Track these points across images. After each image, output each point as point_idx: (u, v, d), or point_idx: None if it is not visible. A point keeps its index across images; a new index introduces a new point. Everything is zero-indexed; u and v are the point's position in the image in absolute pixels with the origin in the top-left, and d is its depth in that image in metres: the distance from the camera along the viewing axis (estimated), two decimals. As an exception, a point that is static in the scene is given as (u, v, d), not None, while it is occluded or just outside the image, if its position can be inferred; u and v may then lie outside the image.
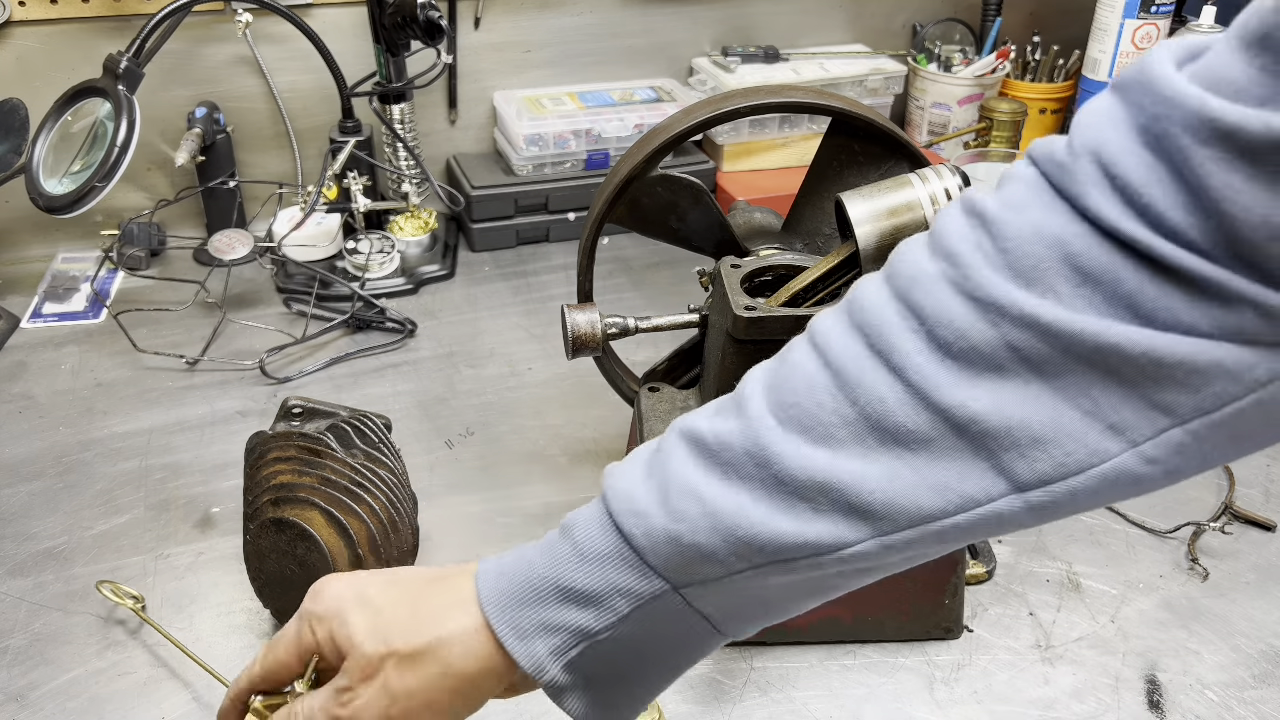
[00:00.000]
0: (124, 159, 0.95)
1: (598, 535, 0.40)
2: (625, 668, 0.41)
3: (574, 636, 0.40)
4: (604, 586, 0.39)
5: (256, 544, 0.65)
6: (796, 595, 0.41)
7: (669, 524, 0.38)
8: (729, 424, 0.39)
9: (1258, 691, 0.66)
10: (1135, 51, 1.22)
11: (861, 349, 0.37)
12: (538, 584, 0.40)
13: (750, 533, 0.37)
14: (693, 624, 0.40)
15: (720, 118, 0.71)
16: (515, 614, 0.40)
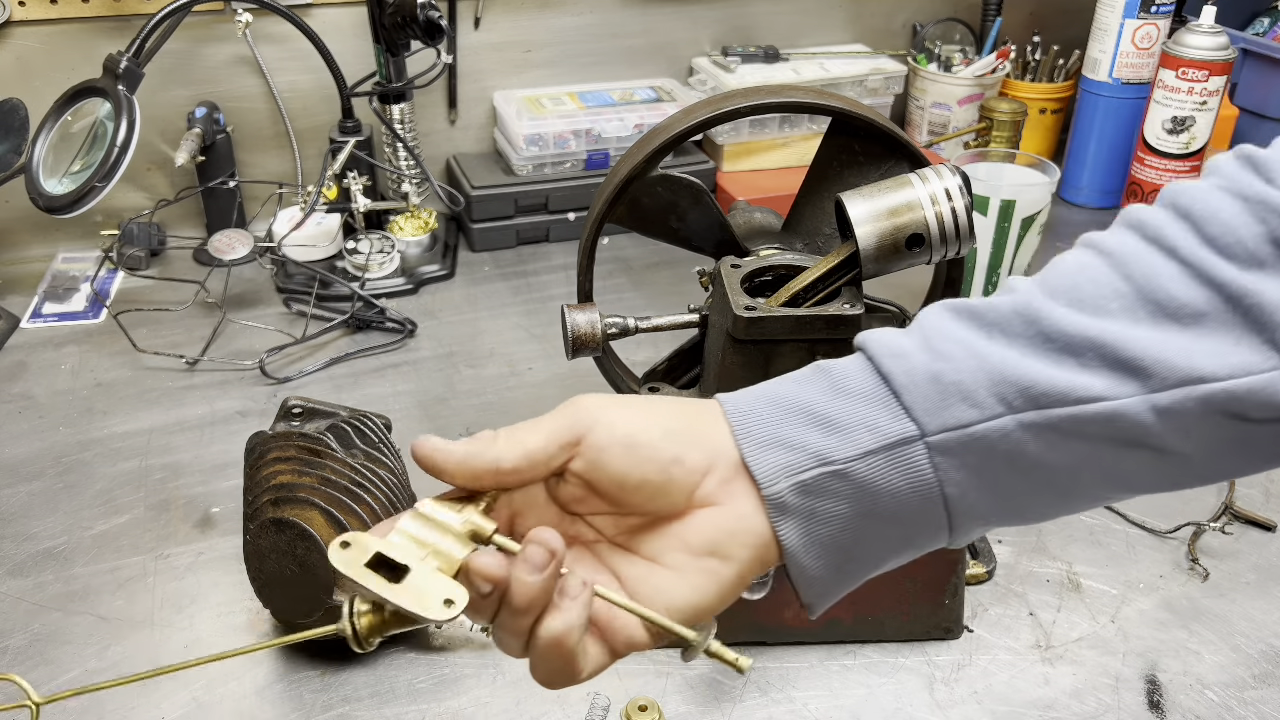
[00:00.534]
0: (124, 159, 0.95)
1: (855, 374, 0.39)
2: (850, 517, 0.39)
3: (811, 458, 0.38)
4: (852, 419, 0.38)
5: (256, 544, 0.65)
6: (1043, 475, 0.39)
7: (931, 362, 0.38)
8: (997, 298, 0.40)
9: (1258, 691, 0.66)
10: (1135, 51, 1.22)
11: (1136, 240, 0.40)
12: (785, 405, 0.40)
13: (1016, 373, 0.37)
14: (928, 494, 0.38)
15: (720, 118, 0.71)
16: (758, 426, 0.39)
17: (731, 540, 0.39)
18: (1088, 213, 1.31)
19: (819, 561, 0.39)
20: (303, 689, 0.66)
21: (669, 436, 0.39)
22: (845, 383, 0.39)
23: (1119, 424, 0.37)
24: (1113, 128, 1.27)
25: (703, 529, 0.39)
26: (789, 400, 0.40)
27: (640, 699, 0.59)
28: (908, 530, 0.40)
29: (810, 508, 0.39)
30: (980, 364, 0.38)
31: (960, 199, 0.63)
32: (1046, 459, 0.38)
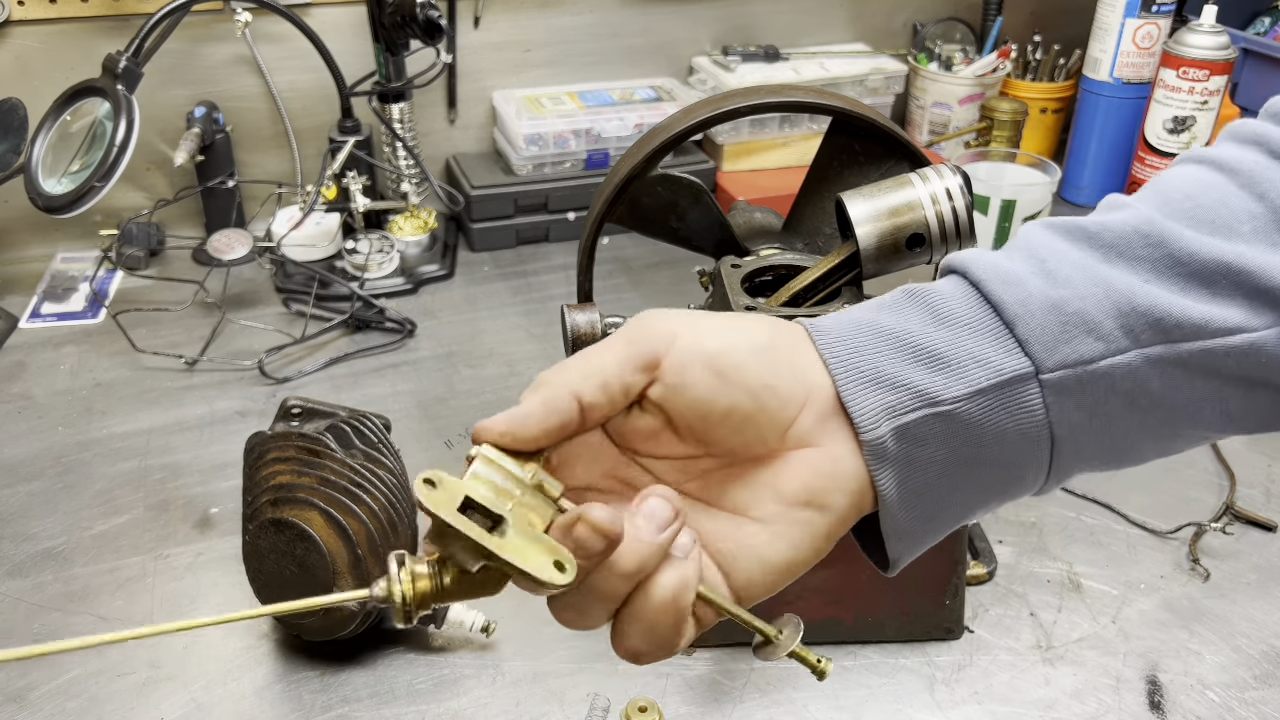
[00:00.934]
0: (123, 159, 0.94)
1: (958, 302, 0.35)
2: (949, 463, 0.34)
3: (916, 399, 0.34)
4: (959, 352, 0.34)
5: (256, 544, 0.65)
6: (1161, 415, 0.35)
7: (1049, 289, 0.34)
8: (1110, 215, 0.36)
9: (1259, 692, 0.66)
10: (1136, 51, 1.22)
11: (1262, 156, 0.36)
12: (883, 334, 0.35)
13: (1146, 302, 0.33)
14: (1035, 437, 0.34)
15: (720, 117, 0.71)
16: (855, 358, 0.34)
17: (831, 486, 0.34)
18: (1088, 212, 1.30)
19: (913, 513, 0.35)
20: (302, 689, 0.66)
21: (759, 355, 0.34)
22: (947, 310, 0.35)
23: (1255, 359, 0.34)
24: (1113, 127, 1.27)
25: (799, 474, 0.34)
26: (886, 329, 0.35)
27: (640, 700, 0.59)
28: (1005, 476, 0.36)
29: (909, 454, 0.34)
30: (1105, 291, 0.34)
31: (961, 198, 0.63)
32: (1169, 397, 0.34)
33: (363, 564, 0.64)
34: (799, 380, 0.34)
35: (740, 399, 0.34)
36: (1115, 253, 0.35)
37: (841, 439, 0.34)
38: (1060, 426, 0.34)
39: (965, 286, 0.35)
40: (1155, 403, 0.35)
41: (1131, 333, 0.34)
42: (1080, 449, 0.35)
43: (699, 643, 0.36)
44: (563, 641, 0.69)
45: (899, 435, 0.34)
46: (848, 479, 0.34)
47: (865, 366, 0.34)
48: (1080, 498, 0.82)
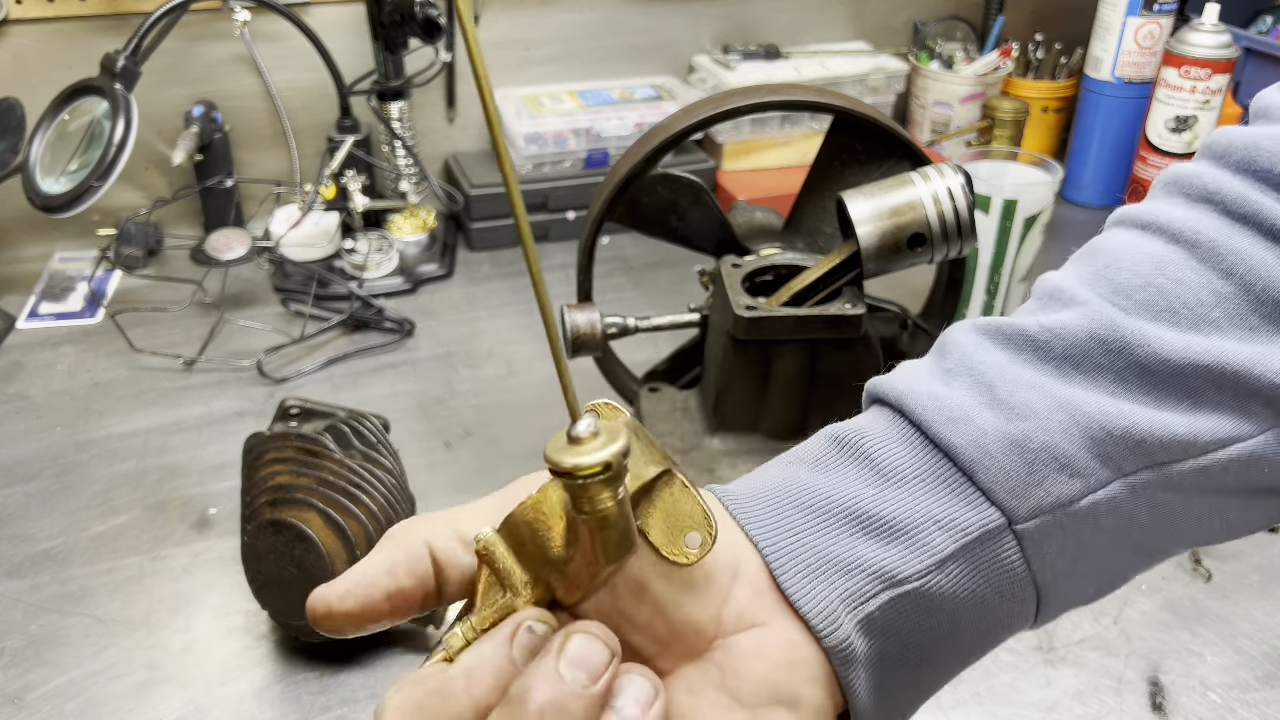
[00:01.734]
0: (121, 158, 0.94)
1: (902, 451, 0.29)
2: (924, 645, 0.29)
3: (875, 581, 0.28)
4: (917, 516, 0.28)
5: (254, 545, 0.65)
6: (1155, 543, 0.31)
7: (1006, 424, 0.29)
8: (1055, 316, 0.31)
9: (1261, 694, 0.66)
10: (1138, 50, 1.22)
11: (1218, 220, 0.30)
12: (819, 507, 0.29)
13: (1123, 424, 0.28)
14: (1016, 594, 0.29)
15: (721, 116, 0.71)
16: (794, 542, 0.29)
17: (797, 676, 0.28)
18: (1090, 212, 1.30)
19: (889, 709, 0.30)
20: (301, 691, 0.65)
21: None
22: (890, 463, 0.29)
23: (1257, 468, 0.29)
24: (1115, 126, 1.26)
25: (752, 666, 0.28)
26: (821, 496, 0.29)
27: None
28: (984, 640, 0.31)
29: (879, 651, 0.29)
30: (1070, 417, 0.29)
31: (962, 198, 0.62)
32: (1162, 524, 0.30)
33: (361, 565, 0.64)
34: (725, 546, 0.29)
35: (647, 576, 0.28)
36: (1070, 365, 0.30)
37: (789, 619, 0.28)
38: (1044, 576, 0.30)
39: (904, 428, 0.30)
40: (1149, 533, 0.30)
41: (1110, 461, 0.29)
42: (1067, 593, 0.31)
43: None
44: (562, 643, 0.69)
45: (864, 629, 0.28)
46: (811, 665, 0.28)
47: (805, 551, 0.29)
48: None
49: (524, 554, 0.27)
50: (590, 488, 0.25)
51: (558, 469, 0.25)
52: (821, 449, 0.31)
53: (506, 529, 0.28)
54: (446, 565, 0.29)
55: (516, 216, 0.24)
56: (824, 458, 0.31)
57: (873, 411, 0.32)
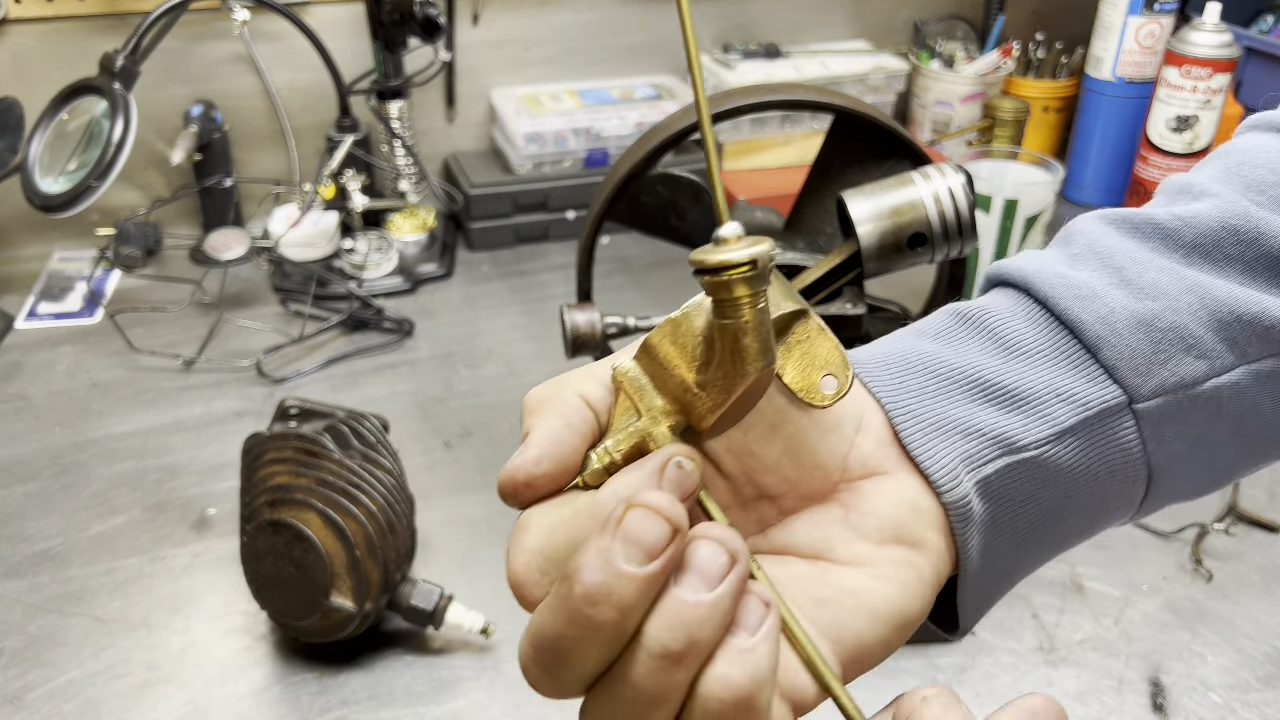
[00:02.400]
0: (120, 157, 0.94)
1: (1026, 326, 0.30)
2: (1033, 515, 0.30)
3: (994, 446, 0.28)
4: (1039, 388, 0.29)
5: (253, 546, 0.65)
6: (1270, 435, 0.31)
7: (1135, 303, 0.29)
8: (1186, 207, 0.31)
9: (1262, 694, 0.66)
10: (1139, 49, 1.22)
11: None
12: (942, 373, 0.29)
13: (1253, 310, 0.29)
14: (1129, 474, 0.30)
15: (721, 116, 0.70)
16: (918, 404, 0.29)
17: (919, 520, 0.28)
18: (1090, 211, 1.30)
19: (993, 577, 0.30)
20: (300, 692, 0.65)
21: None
22: (1013, 337, 0.30)
23: None
24: (1116, 126, 1.26)
25: (875, 506, 0.28)
26: (946, 365, 0.29)
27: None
28: (1089, 521, 0.31)
29: (992, 514, 0.29)
30: (1203, 299, 0.29)
31: (963, 197, 0.62)
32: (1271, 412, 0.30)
33: (360, 566, 0.63)
34: (849, 399, 0.29)
35: (781, 416, 0.28)
36: (1200, 253, 0.30)
37: (912, 472, 0.29)
38: (1158, 460, 0.30)
39: (1029, 305, 0.30)
40: (1267, 423, 0.30)
41: (1237, 346, 0.29)
42: (1177, 482, 0.31)
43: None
44: (562, 643, 0.69)
45: (981, 491, 0.29)
46: (933, 514, 0.28)
47: (927, 411, 0.29)
48: (1082, 498, 0.82)
49: (660, 378, 0.27)
50: (735, 286, 0.25)
51: (703, 266, 0.25)
52: (944, 323, 0.31)
53: (644, 354, 0.28)
54: (602, 413, 0.29)
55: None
56: (946, 331, 0.31)
57: (995, 292, 0.32)
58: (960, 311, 0.31)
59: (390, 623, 0.70)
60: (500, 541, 0.78)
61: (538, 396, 0.29)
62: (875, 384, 0.29)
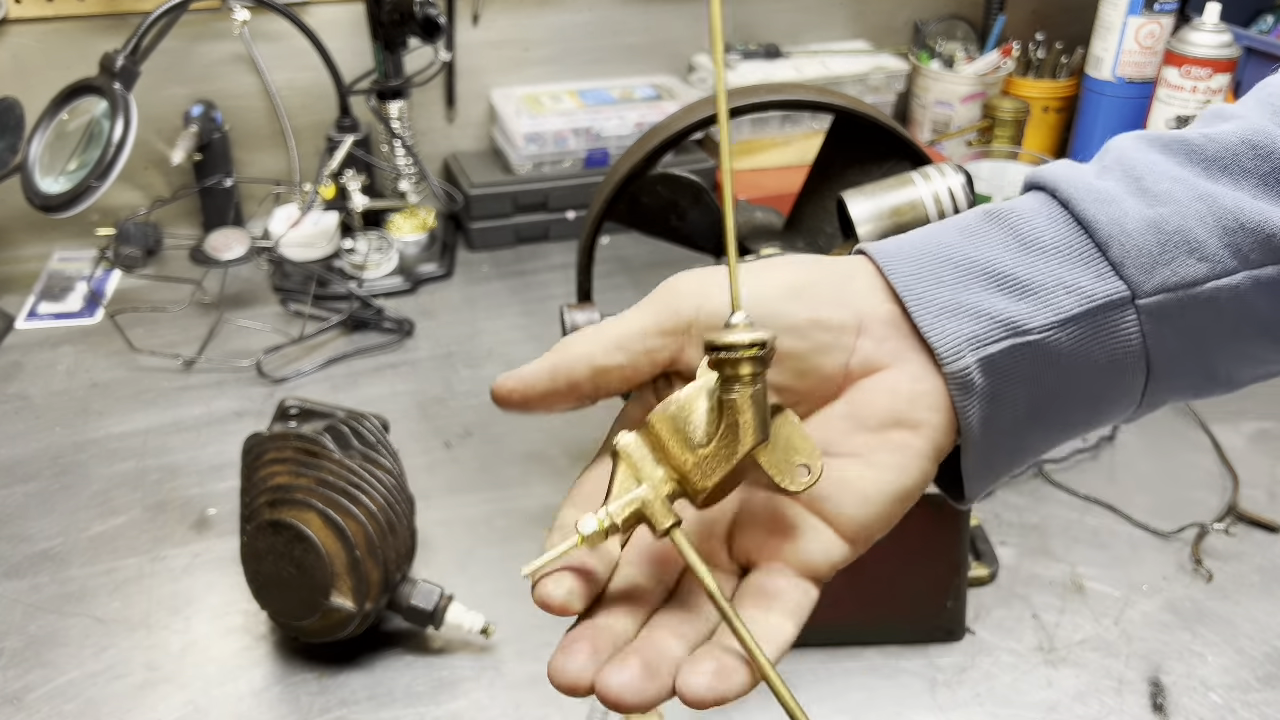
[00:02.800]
0: (120, 157, 0.94)
1: (1045, 224, 0.32)
2: (1035, 397, 0.32)
3: (1000, 328, 0.31)
4: (1046, 278, 0.31)
5: (253, 546, 0.65)
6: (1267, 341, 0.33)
7: (1147, 209, 0.31)
8: (1214, 127, 0.33)
9: (1262, 694, 0.66)
10: (1139, 49, 1.22)
11: None
12: (960, 263, 0.32)
13: (1257, 219, 0.31)
14: (1129, 367, 0.32)
15: (721, 116, 0.70)
16: (928, 288, 0.32)
17: (917, 404, 0.32)
18: (1090, 211, 1.30)
19: (995, 450, 0.33)
20: (300, 692, 0.65)
21: (796, 296, 0.32)
22: (1032, 234, 0.32)
23: None
24: (1116, 126, 1.26)
25: (875, 398, 0.32)
26: (964, 257, 0.32)
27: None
28: (1092, 409, 0.33)
29: (994, 389, 0.32)
30: (1209, 207, 0.31)
31: (963, 197, 0.62)
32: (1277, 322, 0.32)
33: (360, 566, 0.63)
34: (848, 307, 0.32)
35: (786, 343, 0.32)
36: (1219, 166, 0.32)
37: (915, 359, 0.32)
38: (1157, 355, 0.32)
39: (1052, 206, 0.33)
40: (1262, 329, 0.32)
41: (1239, 253, 0.31)
42: (1175, 379, 0.33)
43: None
44: (562, 643, 0.69)
45: (984, 368, 0.31)
46: (932, 396, 0.32)
47: (941, 296, 0.32)
48: (1083, 498, 0.82)
49: (660, 451, 0.31)
50: (742, 365, 0.29)
51: (716, 344, 0.29)
52: (973, 221, 0.34)
53: (645, 430, 0.31)
54: (602, 370, 0.33)
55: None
56: (971, 226, 0.33)
57: (1029, 194, 0.34)
58: (990, 211, 0.33)
59: (390, 623, 0.70)
60: (500, 541, 0.78)
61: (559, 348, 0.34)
62: (893, 273, 0.32)
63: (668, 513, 0.30)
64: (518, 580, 0.78)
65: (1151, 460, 0.87)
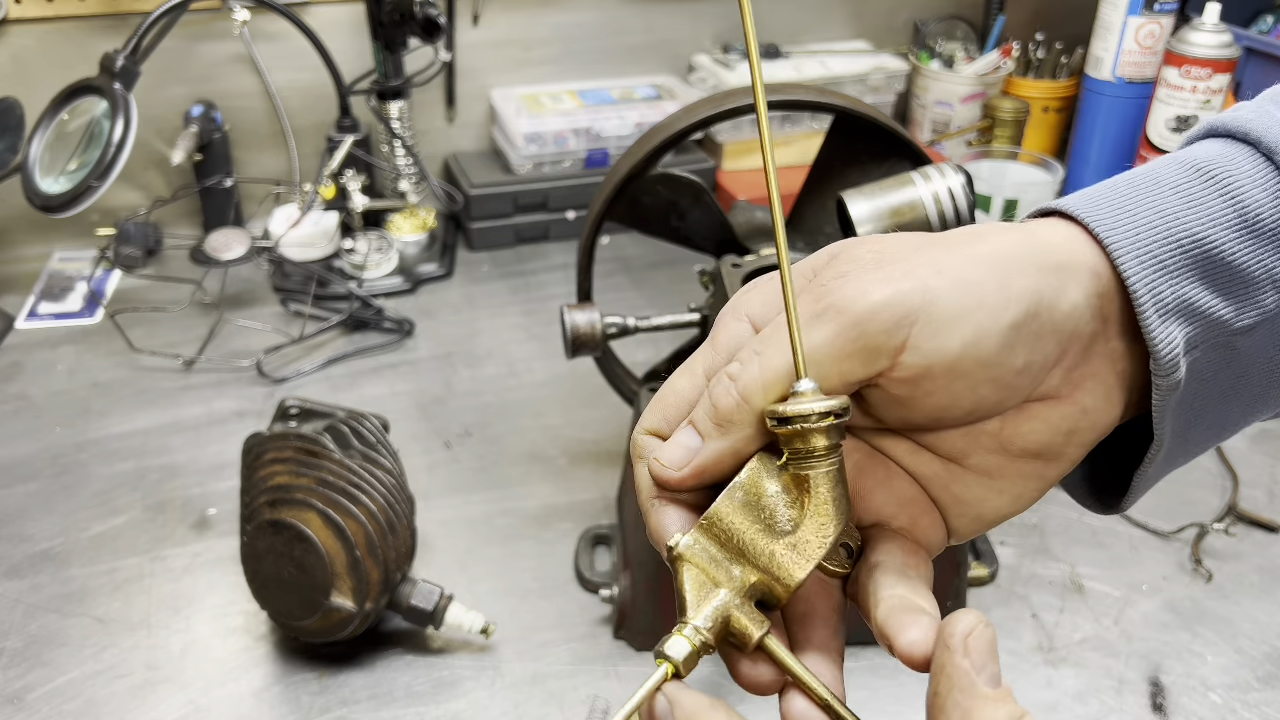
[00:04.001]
0: (120, 158, 0.94)
1: (1264, 199, 0.29)
2: (1208, 397, 0.30)
3: (1208, 330, 0.28)
4: (1259, 272, 0.28)
5: (254, 546, 0.65)
6: None
7: None
8: None
9: (1261, 694, 0.66)
10: (1139, 49, 1.22)
11: None
12: (1185, 244, 0.28)
13: None
14: None
15: (721, 115, 0.70)
16: (1159, 283, 0.28)
17: (1071, 440, 0.30)
18: (1090, 211, 1.30)
19: (1173, 459, 0.31)
20: (300, 692, 0.65)
21: (1013, 341, 0.28)
22: (1256, 211, 0.28)
23: None
24: (1116, 126, 1.26)
25: (1035, 430, 0.30)
26: (1185, 233, 0.28)
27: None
28: (1249, 407, 0.31)
29: (1189, 395, 0.29)
30: None
31: (963, 197, 0.62)
32: None
33: (360, 565, 0.63)
34: (1058, 335, 0.28)
35: (986, 395, 0.28)
36: None
37: (1094, 388, 0.29)
38: None
39: (1268, 172, 0.29)
40: None
41: None
42: None
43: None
44: (562, 643, 0.69)
45: (1188, 374, 0.29)
46: (1090, 432, 0.30)
47: (1170, 293, 0.28)
48: (1082, 498, 0.82)
49: (734, 547, 0.27)
50: (828, 434, 0.26)
51: (794, 416, 0.26)
52: (1183, 179, 0.30)
53: (705, 529, 0.28)
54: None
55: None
56: (1186, 188, 0.29)
57: (1227, 144, 0.30)
58: (1201, 168, 0.30)
59: (390, 623, 0.70)
60: (500, 541, 0.78)
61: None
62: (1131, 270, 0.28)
63: (757, 618, 0.27)
64: (518, 580, 0.79)
65: (1151, 460, 0.87)
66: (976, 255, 0.28)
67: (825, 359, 0.27)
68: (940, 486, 0.31)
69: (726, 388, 0.28)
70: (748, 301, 0.31)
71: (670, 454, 0.29)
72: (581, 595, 0.72)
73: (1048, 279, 0.28)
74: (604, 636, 0.69)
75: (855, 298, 0.27)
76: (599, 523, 0.78)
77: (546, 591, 0.73)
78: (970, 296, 0.27)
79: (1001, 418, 0.30)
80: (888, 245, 0.29)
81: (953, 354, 0.27)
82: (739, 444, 0.28)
